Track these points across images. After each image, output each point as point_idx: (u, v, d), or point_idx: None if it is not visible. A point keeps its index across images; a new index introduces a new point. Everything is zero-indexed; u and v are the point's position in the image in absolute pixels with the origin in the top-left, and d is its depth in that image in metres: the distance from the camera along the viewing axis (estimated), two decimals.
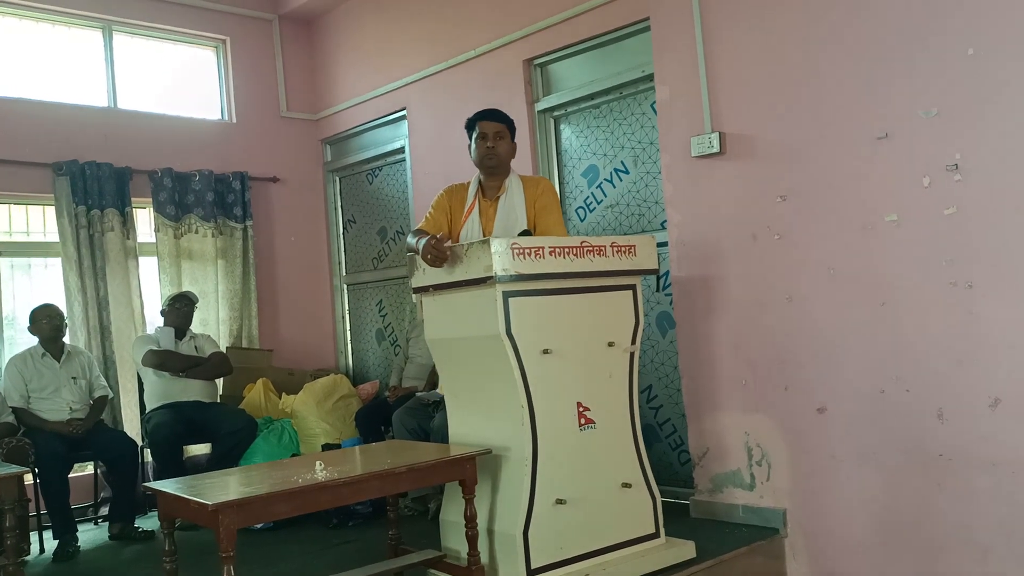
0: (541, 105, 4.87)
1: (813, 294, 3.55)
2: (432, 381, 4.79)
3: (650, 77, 4.24)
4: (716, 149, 3.79)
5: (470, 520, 2.93)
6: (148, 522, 4.69)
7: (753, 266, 3.74)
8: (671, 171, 4.03)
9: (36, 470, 4.30)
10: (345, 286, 6.60)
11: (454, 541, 3.15)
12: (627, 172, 4.53)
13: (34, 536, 4.41)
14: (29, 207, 5.52)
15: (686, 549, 3.32)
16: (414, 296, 3.51)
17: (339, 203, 6.64)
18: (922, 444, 3.24)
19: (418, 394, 4.62)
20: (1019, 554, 3.01)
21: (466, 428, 3.25)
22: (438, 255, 3.08)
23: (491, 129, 3.47)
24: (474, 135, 3.51)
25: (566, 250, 3.06)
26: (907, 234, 3.26)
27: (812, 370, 3.55)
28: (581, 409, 3.13)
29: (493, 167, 3.49)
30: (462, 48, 5.27)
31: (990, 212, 3.05)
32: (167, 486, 2.80)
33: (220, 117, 6.33)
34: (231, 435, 4.81)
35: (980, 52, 3.05)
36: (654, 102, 4.23)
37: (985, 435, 3.07)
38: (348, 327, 6.59)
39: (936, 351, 3.19)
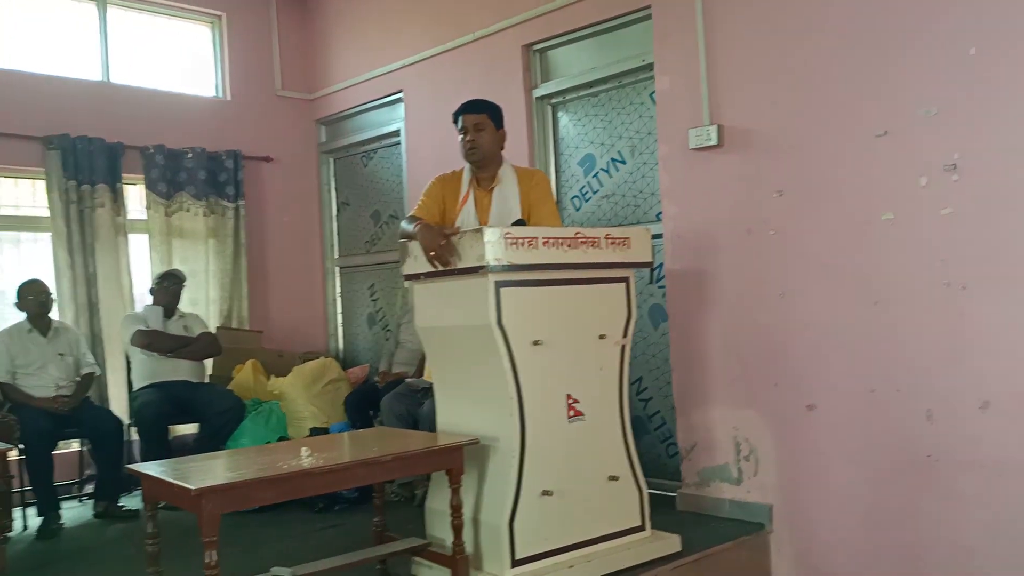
0: (539, 91, 4.82)
1: (806, 291, 3.53)
2: (422, 367, 4.77)
3: (650, 67, 4.20)
4: (714, 141, 3.76)
5: (456, 509, 2.91)
6: (133, 500, 4.68)
7: (747, 261, 3.72)
8: (668, 162, 4.00)
9: (21, 446, 4.27)
10: (337, 269, 6.56)
11: (439, 529, 3.14)
12: (624, 162, 4.49)
13: (17, 513, 4.39)
14: (19, 180, 5.46)
15: (672, 542, 3.33)
16: (405, 282, 3.48)
17: (333, 185, 6.58)
18: (910, 444, 3.23)
19: (408, 380, 4.60)
20: (1004, 556, 3.01)
21: (454, 417, 3.23)
22: (440, 256, 2.98)
23: (470, 122, 3.41)
24: (459, 129, 3.47)
25: (560, 241, 3.04)
26: (902, 233, 3.25)
27: (803, 367, 3.55)
28: (570, 401, 3.12)
29: (476, 161, 3.44)
30: (461, 31, 5.20)
31: (986, 213, 3.04)
32: (151, 468, 2.77)
33: (214, 94, 6.27)
34: (219, 416, 4.79)
35: (982, 51, 3.03)
36: (653, 92, 4.20)
37: (973, 436, 3.07)
38: (339, 310, 6.56)
39: (928, 352, 3.19)
